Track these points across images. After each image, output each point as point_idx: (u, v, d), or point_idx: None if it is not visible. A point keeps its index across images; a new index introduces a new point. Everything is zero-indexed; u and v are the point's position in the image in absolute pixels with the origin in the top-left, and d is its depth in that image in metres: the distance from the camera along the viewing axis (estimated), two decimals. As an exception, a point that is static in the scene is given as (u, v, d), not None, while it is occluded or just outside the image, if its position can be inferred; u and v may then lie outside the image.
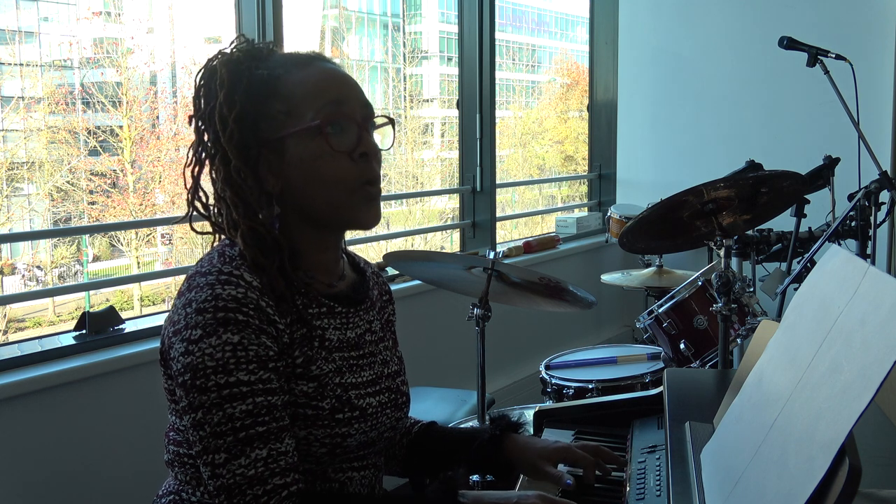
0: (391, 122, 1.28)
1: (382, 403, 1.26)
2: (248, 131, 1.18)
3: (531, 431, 1.57)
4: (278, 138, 1.18)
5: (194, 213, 1.25)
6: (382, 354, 1.31)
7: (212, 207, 1.24)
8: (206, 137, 1.21)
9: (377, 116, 1.25)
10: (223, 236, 1.24)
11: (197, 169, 1.22)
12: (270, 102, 1.19)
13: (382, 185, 1.24)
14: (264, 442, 1.08)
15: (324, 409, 1.17)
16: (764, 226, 2.94)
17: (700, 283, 2.68)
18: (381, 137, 1.26)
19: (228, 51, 1.22)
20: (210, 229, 1.25)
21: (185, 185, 1.23)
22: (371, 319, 1.31)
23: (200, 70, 1.22)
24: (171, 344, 1.12)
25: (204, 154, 1.22)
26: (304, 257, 1.22)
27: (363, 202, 1.20)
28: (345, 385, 1.21)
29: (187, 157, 1.23)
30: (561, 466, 1.32)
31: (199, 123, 1.21)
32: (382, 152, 1.24)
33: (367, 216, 1.21)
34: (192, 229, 1.27)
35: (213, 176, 1.21)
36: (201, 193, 1.24)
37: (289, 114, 1.18)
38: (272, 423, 1.10)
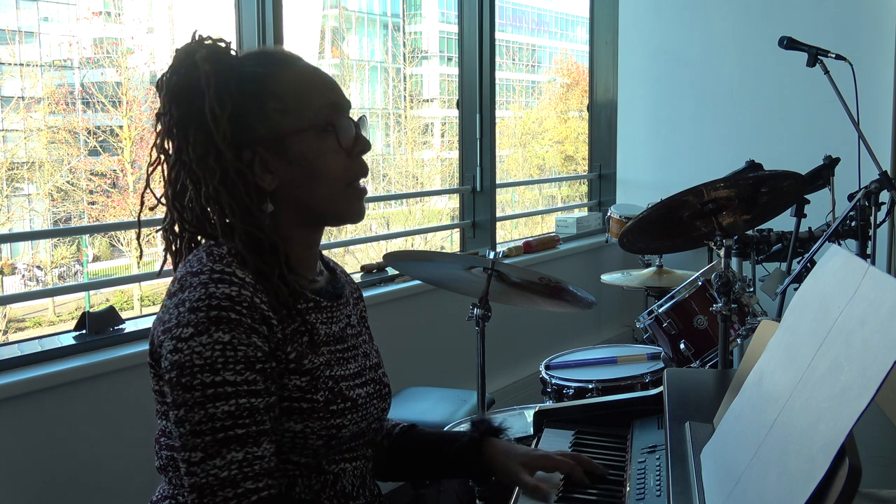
0: (363, 119, 1.32)
1: (370, 394, 1.28)
2: (240, 130, 1.18)
3: (532, 433, 1.57)
4: (277, 136, 1.19)
5: (176, 216, 1.22)
6: (363, 347, 1.34)
7: (192, 211, 1.21)
8: (190, 138, 1.17)
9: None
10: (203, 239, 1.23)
11: (181, 171, 1.20)
12: (263, 100, 1.19)
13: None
14: (241, 445, 1.08)
15: (318, 401, 1.18)
16: (764, 226, 2.94)
17: (700, 283, 2.68)
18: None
19: (196, 48, 1.19)
20: (184, 235, 1.24)
21: (164, 187, 1.22)
22: (349, 314, 1.33)
23: (174, 67, 1.19)
24: (161, 342, 1.12)
25: (190, 155, 1.18)
26: (291, 254, 1.23)
27: (354, 198, 1.25)
28: (335, 377, 1.22)
29: (161, 159, 1.21)
30: (540, 473, 1.34)
31: (183, 124, 1.18)
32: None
33: (358, 211, 1.27)
34: (167, 235, 1.25)
35: (205, 177, 1.17)
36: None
37: (285, 112, 1.19)
38: (252, 427, 1.09)
